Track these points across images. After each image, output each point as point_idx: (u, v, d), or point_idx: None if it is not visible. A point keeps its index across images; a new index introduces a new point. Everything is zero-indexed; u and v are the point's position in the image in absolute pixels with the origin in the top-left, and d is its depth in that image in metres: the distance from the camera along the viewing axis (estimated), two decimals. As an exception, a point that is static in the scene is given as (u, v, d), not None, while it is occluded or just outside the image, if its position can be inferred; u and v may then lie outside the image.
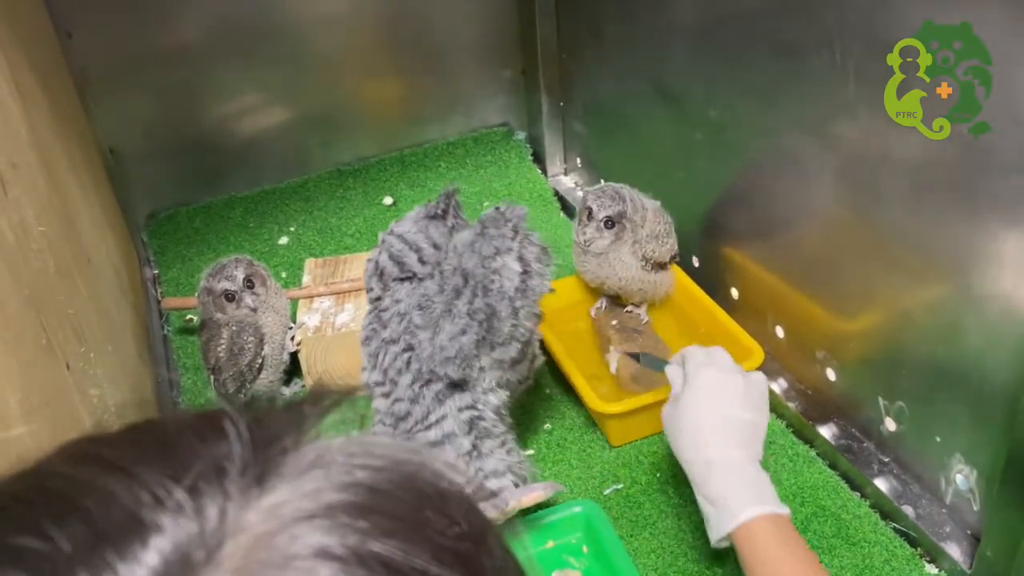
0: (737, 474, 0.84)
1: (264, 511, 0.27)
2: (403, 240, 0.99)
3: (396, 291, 0.99)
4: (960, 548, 0.94)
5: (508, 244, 0.95)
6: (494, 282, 0.94)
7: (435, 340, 0.94)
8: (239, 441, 0.29)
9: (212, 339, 1.20)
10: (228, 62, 1.54)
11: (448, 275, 0.96)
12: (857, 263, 1.01)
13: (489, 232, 0.95)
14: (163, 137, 1.56)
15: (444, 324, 0.94)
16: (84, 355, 0.88)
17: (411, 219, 1.02)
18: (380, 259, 1.00)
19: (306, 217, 1.60)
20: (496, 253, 0.94)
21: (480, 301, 0.93)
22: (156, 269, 1.52)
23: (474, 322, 0.93)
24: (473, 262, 0.94)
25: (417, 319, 0.96)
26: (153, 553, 0.25)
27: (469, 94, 1.74)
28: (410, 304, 0.97)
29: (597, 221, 1.17)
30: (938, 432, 0.96)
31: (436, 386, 0.96)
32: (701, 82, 1.22)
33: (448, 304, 0.95)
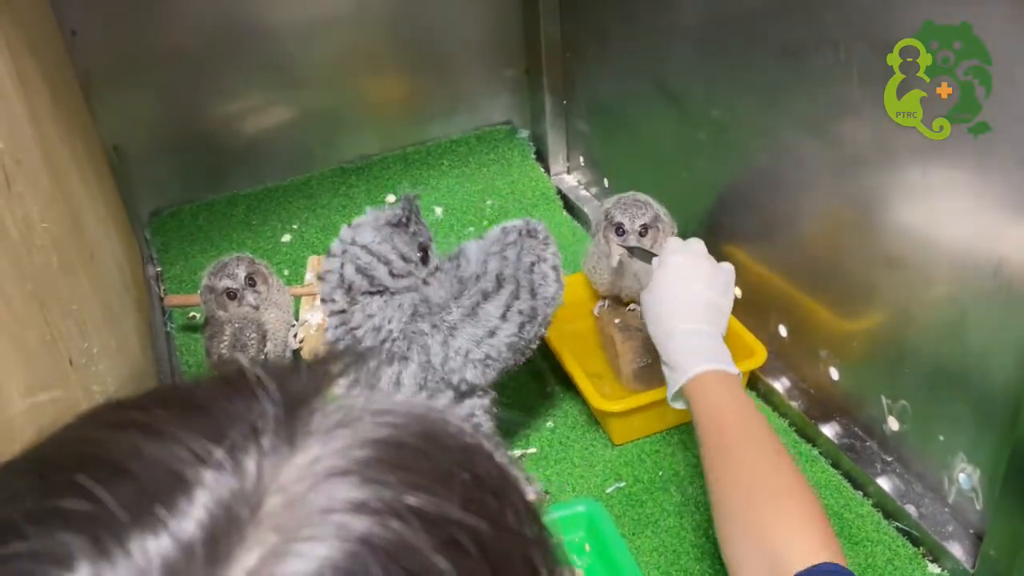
0: (695, 340, 0.91)
1: (298, 469, 0.27)
2: (369, 252, 0.95)
3: (367, 305, 0.95)
4: (963, 547, 0.94)
5: (544, 253, 1.00)
6: (541, 287, 0.98)
7: (452, 344, 0.94)
8: (270, 401, 0.29)
9: (215, 336, 1.21)
10: (232, 60, 1.54)
11: (468, 280, 0.97)
12: (860, 262, 1.01)
13: (528, 242, 1.00)
14: (166, 134, 1.56)
15: (465, 328, 0.94)
16: (87, 351, 0.88)
17: (370, 227, 0.97)
18: (345, 272, 0.95)
19: (309, 215, 1.60)
20: (539, 260, 0.99)
21: (526, 303, 0.97)
22: (159, 266, 1.52)
23: (511, 324, 0.95)
24: (511, 268, 0.97)
25: (423, 326, 0.95)
26: (199, 507, 0.25)
27: (472, 92, 1.74)
28: (387, 319, 0.95)
29: (633, 232, 1.17)
30: (941, 431, 0.96)
31: (441, 399, 0.96)
32: (704, 82, 1.22)
33: (472, 308, 0.95)
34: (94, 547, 0.24)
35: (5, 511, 0.26)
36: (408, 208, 0.98)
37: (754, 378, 1.19)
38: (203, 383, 0.32)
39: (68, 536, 0.24)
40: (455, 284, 0.99)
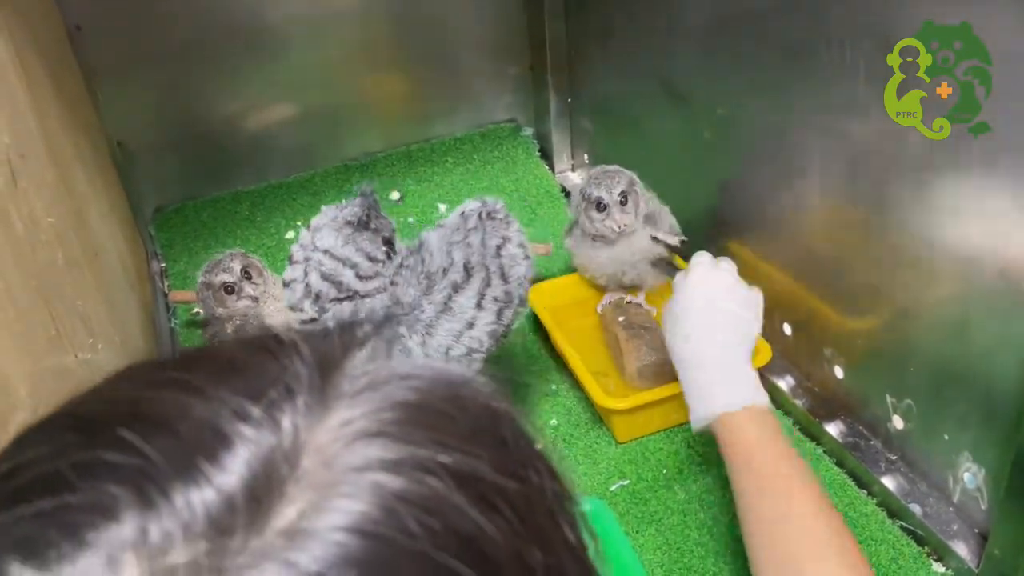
0: (722, 365, 0.87)
1: (332, 429, 0.28)
2: (332, 257, 0.92)
3: (338, 312, 0.93)
4: (967, 547, 0.94)
5: (508, 232, 0.97)
6: (512, 268, 0.95)
7: (431, 343, 0.92)
8: (304, 363, 0.29)
9: (216, 335, 1.21)
10: (237, 57, 1.54)
11: (435, 274, 0.94)
12: (865, 261, 1.01)
13: (489, 224, 0.96)
14: (171, 131, 1.56)
15: (442, 323, 0.92)
16: (92, 346, 0.88)
17: (330, 229, 0.93)
18: (311, 281, 0.92)
19: (313, 212, 1.56)
20: (504, 241, 0.95)
21: (499, 288, 0.94)
22: (163, 262, 1.52)
23: (487, 312, 0.92)
24: (477, 255, 0.94)
25: (400, 329, 0.93)
26: (240, 462, 0.26)
27: (477, 90, 1.73)
28: None
29: (614, 203, 1.16)
30: (946, 430, 0.95)
31: None
32: (708, 80, 1.22)
33: (444, 303, 0.93)
34: (139, 499, 0.25)
35: (53, 463, 0.26)
36: (367, 205, 0.94)
37: (759, 376, 1.18)
38: (239, 345, 0.32)
39: (115, 488, 0.25)
40: (422, 280, 0.96)
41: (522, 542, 0.29)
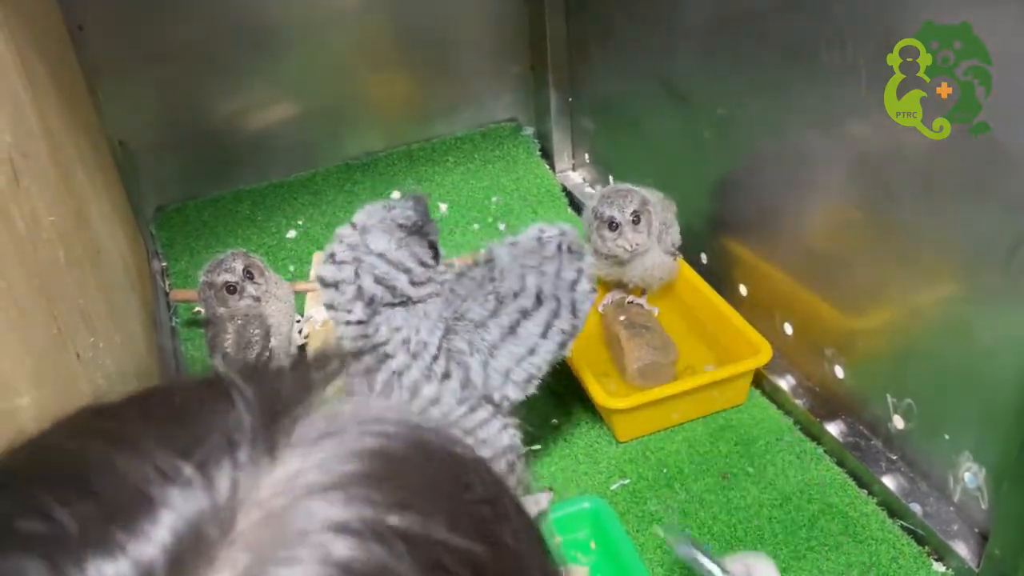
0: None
1: (276, 484, 0.26)
2: (387, 261, 0.90)
3: (391, 317, 0.91)
4: (968, 547, 0.94)
5: (580, 265, 0.95)
6: (583, 303, 0.94)
7: (493, 364, 0.91)
8: (248, 410, 0.27)
9: (218, 335, 1.21)
10: (238, 56, 1.54)
11: (505, 296, 0.92)
12: (866, 260, 1.01)
13: (564, 256, 0.94)
14: (172, 130, 1.56)
15: (507, 347, 0.92)
16: (94, 345, 0.88)
17: (381, 231, 0.91)
18: (364, 284, 0.90)
19: (314, 211, 1.60)
20: (579, 275, 0.94)
21: (567, 322, 0.93)
22: (164, 261, 1.52)
23: (552, 342, 0.92)
24: (550, 285, 0.93)
25: (460, 344, 0.91)
26: (163, 529, 0.24)
27: (477, 89, 1.74)
28: (414, 329, 0.91)
29: (627, 224, 1.16)
30: (946, 430, 0.95)
31: (481, 414, 0.93)
32: (710, 79, 1.22)
33: (512, 326, 0.92)
34: (51, 572, 0.23)
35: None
36: (422, 211, 0.93)
37: (759, 376, 1.19)
38: (183, 387, 0.30)
39: (26, 560, 0.24)
40: (489, 298, 0.93)
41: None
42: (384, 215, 0.92)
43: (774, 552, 0.98)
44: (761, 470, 1.08)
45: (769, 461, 1.09)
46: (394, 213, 0.92)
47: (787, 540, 1.00)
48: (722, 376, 1.13)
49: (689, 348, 1.25)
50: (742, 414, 1.17)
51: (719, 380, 1.13)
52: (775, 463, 1.09)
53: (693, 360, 1.24)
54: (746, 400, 1.18)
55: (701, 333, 1.27)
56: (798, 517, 1.02)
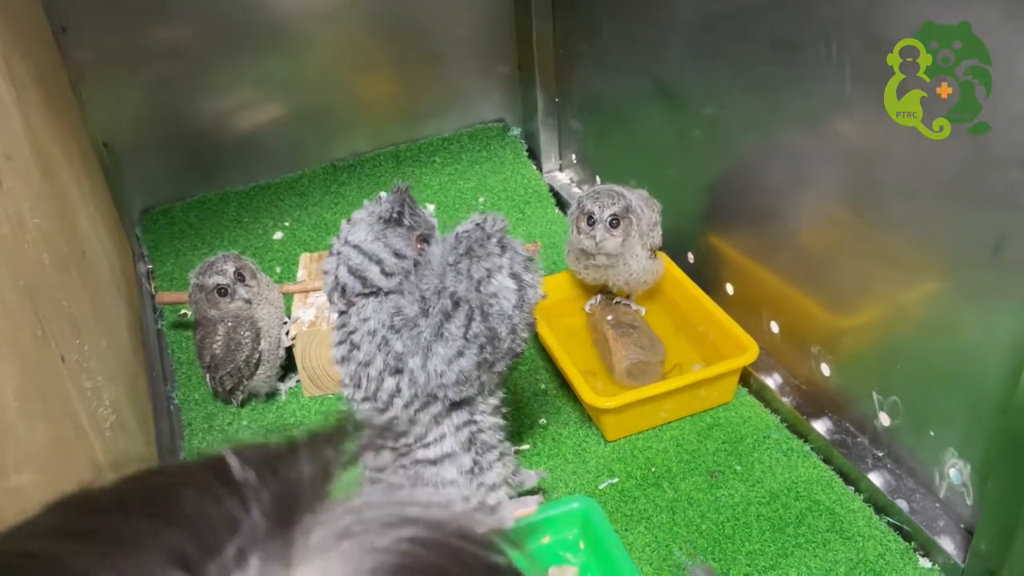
0: None
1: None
2: (361, 251, 0.91)
3: (362, 308, 0.92)
4: (954, 542, 0.94)
5: (498, 262, 0.92)
6: (492, 305, 0.91)
7: (428, 366, 0.90)
8: (262, 511, 0.25)
9: (207, 337, 1.20)
10: (224, 56, 1.53)
11: (431, 296, 0.91)
12: (853, 258, 1.02)
13: (476, 252, 0.91)
14: (158, 132, 1.55)
15: (437, 348, 0.90)
16: (79, 348, 0.87)
17: (364, 224, 0.92)
18: (339, 273, 0.92)
19: (301, 212, 1.60)
20: (488, 275, 0.91)
21: (479, 326, 0.90)
22: (150, 263, 1.51)
23: (473, 345, 0.90)
24: (463, 285, 0.90)
25: (398, 344, 0.90)
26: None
27: (465, 90, 1.74)
28: (379, 322, 0.91)
29: (603, 223, 1.16)
30: (932, 426, 0.96)
31: (434, 408, 0.92)
32: (698, 79, 1.22)
33: (437, 328, 0.90)
34: None
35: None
36: (400, 201, 0.93)
37: (746, 374, 1.19)
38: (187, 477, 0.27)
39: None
40: (418, 293, 0.92)
41: None
42: (373, 209, 0.94)
43: (762, 549, 0.99)
44: (749, 468, 1.09)
45: (756, 459, 1.10)
46: (381, 207, 0.94)
47: (774, 538, 1.00)
48: (710, 375, 1.13)
49: (676, 347, 1.25)
50: (729, 412, 1.17)
51: (707, 379, 1.13)
52: (762, 461, 1.10)
53: (681, 359, 1.24)
54: (733, 398, 1.19)
55: (688, 332, 1.27)
56: (785, 515, 1.03)
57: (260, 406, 1.24)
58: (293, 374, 1.26)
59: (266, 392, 1.25)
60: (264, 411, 1.24)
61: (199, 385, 1.27)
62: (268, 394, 1.25)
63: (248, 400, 1.25)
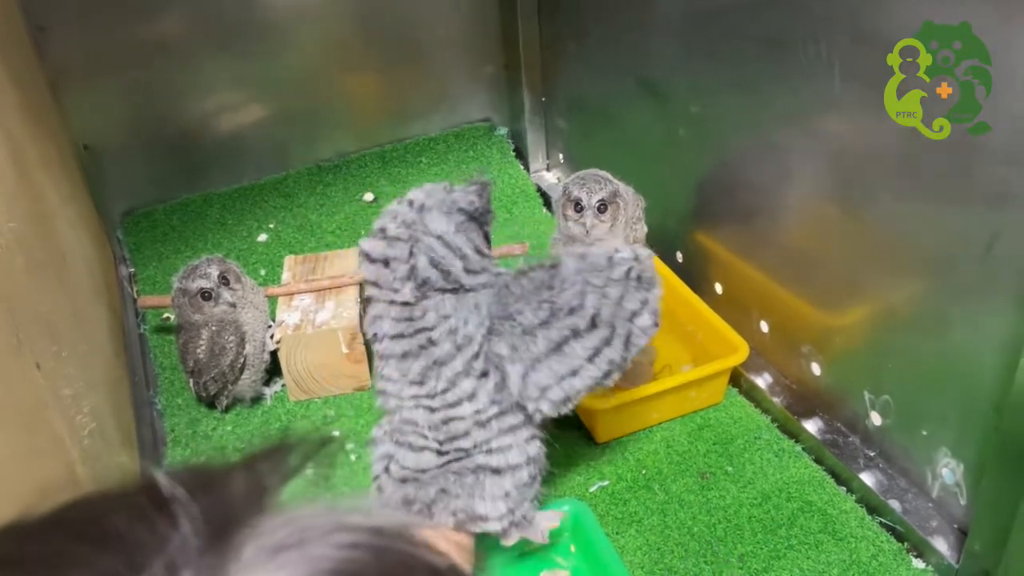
0: None
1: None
2: (445, 244, 0.85)
3: (440, 304, 0.86)
4: (947, 542, 0.94)
5: (651, 298, 0.89)
6: (638, 338, 0.88)
7: (531, 377, 0.86)
8: (194, 530, 0.24)
9: (191, 341, 1.18)
10: (206, 56, 1.51)
11: (560, 309, 0.86)
12: (843, 257, 1.01)
13: (632, 284, 0.88)
14: (139, 133, 1.53)
15: (550, 362, 0.86)
16: (56, 354, 0.85)
17: (441, 213, 0.86)
18: (419, 264, 0.85)
19: (286, 214, 1.58)
20: (642, 308, 0.88)
21: (616, 353, 0.87)
22: (132, 267, 1.49)
23: (595, 369, 0.87)
24: (609, 310, 0.86)
25: (500, 347, 0.86)
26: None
27: (451, 90, 1.72)
28: (462, 320, 0.86)
29: (591, 208, 1.15)
30: (924, 426, 0.95)
31: (511, 419, 0.88)
32: (685, 77, 1.22)
33: (558, 344, 0.86)
34: None
35: None
36: (486, 198, 0.88)
37: (736, 374, 1.18)
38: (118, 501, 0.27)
39: None
40: (544, 306, 0.87)
41: None
42: (445, 196, 0.87)
43: (754, 552, 0.98)
44: (740, 469, 1.08)
45: (747, 460, 1.09)
46: (456, 196, 0.88)
47: (766, 539, 0.99)
48: (700, 375, 1.12)
49: (666, 347, 1.24)
50: (720, 413, 1.16)
51: (697, 379, 1.12)
52: (753, 462, 1.09)
53: (670, 359, 1.23)
54: (723, 399, 1.18)
55: (678, 332, 1.26)
56: (777, 516, 1.02)
57: (245, 411, 1.22)
58: (278, 378, 1.24)
59: (251, 397, 1.23)
60: (249, 416, 1.22)
61: (183, 390, 1.25)
62: (253, 399, 1.23)
63: (233, 405, 1.23)
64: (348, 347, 1.20)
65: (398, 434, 0.89)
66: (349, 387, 1.23)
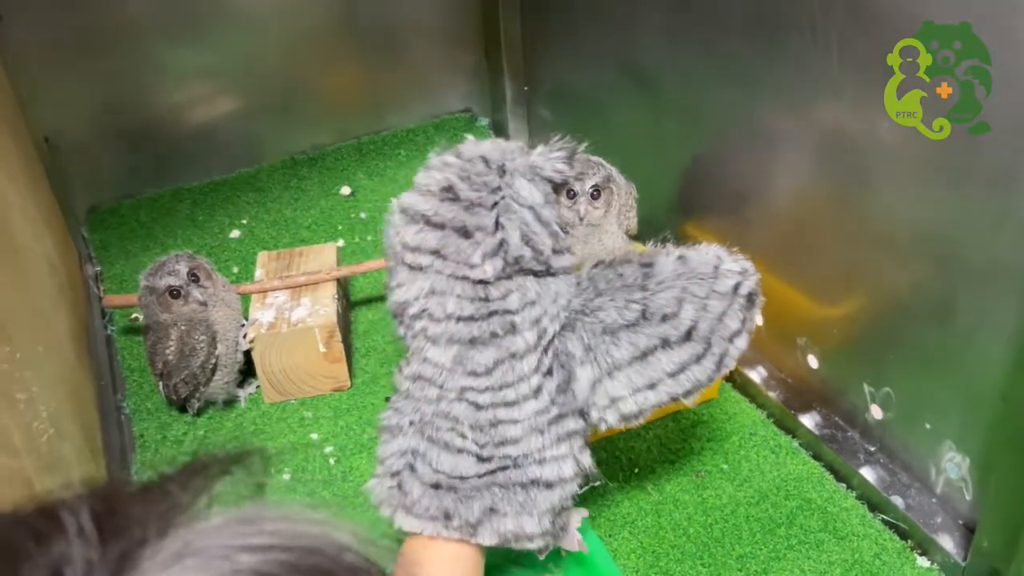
0: None
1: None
2: (537, 217, 0.73)
3: (523, 287, 0.75)
4: (953, 539, 0.90)
5: (750, 316, 0.80)
6: (732, 361, 0.80)
7: (605, 385, 0.77)
8: (80, 537, 0.24)
9: (159, 342, 1.13)
10: (175, 44, 1.45)
11: (654, 314, 0.76)
12: (840, 245, 0.97)
13: (740, 301, 0.79)
14: (105, 125, 1.47)
15: (629, 371, 0.77)
16: (9, 356, 0.80)
17: (524, 179, 0.74)
18: (511, 239, 0.73)
19: (259, 209, 1.52)
20: (743, 326, 0.79)
21: (706, 374, 0.78)
22: (98, 266, 1.43)
23: (675, 385, 0.78)
24: (708, 324, 0.77)
25: (573, 345, 0.77)
26: None
27: (430, 79, 1.67)
28: (545, 311, 0.76)
29: (584, 195, 1.10)
30: (927, 418, 0.92)
31: (572, 424, 0.78)
32: (673, 64, 1.18)
33: (644, 352, 0.77)
34: None
35: None
36: (575, 164, 0.78)
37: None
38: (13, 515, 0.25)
39: None
40: (633, 307, 0.77)
41: None
42: (526, 160, 0.75)
43: (752, 553, 0.94)
44: (736, 467, 1.04)
45: (743, 457, 1.05)
46: (537, 160, 0.76)
47: (765, 540, 0.95)
48: (693, 370, 1.08)
49: (657, 342, 1.20)
50: (713, 409, 1.12)
51: (690, 374, 1.08)
52: (749, 459, 1.05)
53: (661, 354, 1.19)
54: (717, 395, 1.14)
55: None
56: (776, 515, 0.98)
57: (218, 414, 1.17)
58: (252, 379, 1.19)
59: (224, 399, 1.17)
60: (222, 419, 1.16)
61: (152, 393, 1.19)
62: (226, 401, 1.18)
63: (205, 408, 1.17)
64: (326, 346, 1.15)
65: (431, 428, 0.76)
66: (327, 388, 1.18)
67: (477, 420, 0.76)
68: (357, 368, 1.21)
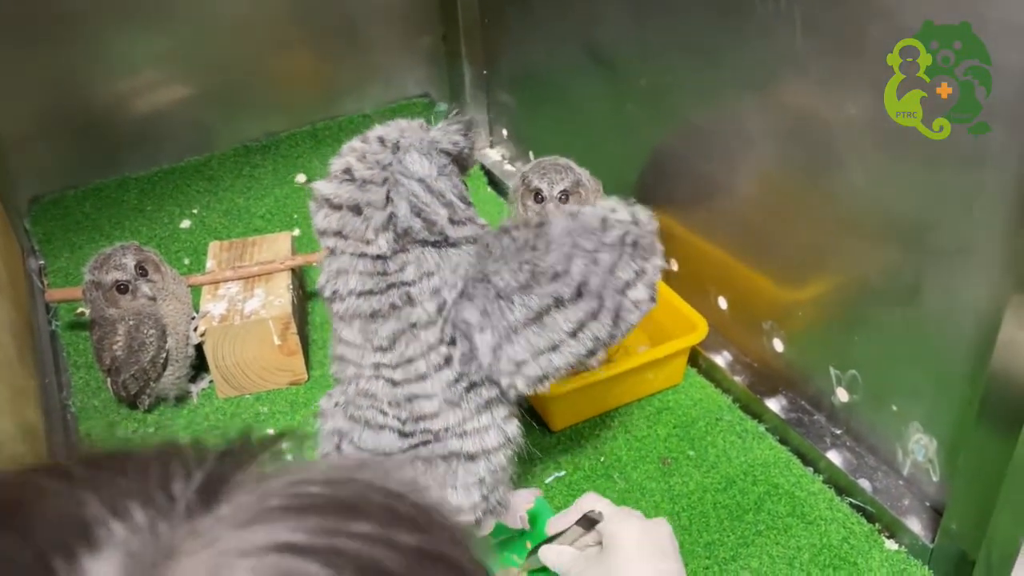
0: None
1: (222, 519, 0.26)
2: (428, 189, 0.76)
3: (421, 258, 0.76)
4: (920, 522, 0.90)
5: (648, 267, 0.79)
6: (630, 312, 0.78)
7: (505, 350, 0.76)
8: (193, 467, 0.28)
9: (106, 337, 1.08)
10: (120, 29, 1.41)
11: (543, 273, 0.76)
12: (806, 227, 0.96)
13: (627, 251, 0.77)
14: (48, 113, 1.41)
15: (527, 334, 0.76)
16: (-63, 355, 0.75)
17: (420, 153, 0.76)
18: (400, 212, 0.75)
19: (210, 198, 1.48)
20: (636, 278, 0.77)
21: (602, 329, 0.77)
22: (42, 259, 1.37)
23: (578, 345, 0.77)
24: (598, 279, 0.76)
25: (468, 313, 0.77)
26: (104, 563, 0.24)
27: (386, 63, 1.64)
28: (444, 281, 0.76)
29: (552, 199, 1.08)
30: (894, 400, 0.91)
31: (487, 392, 0.79)
32: (636, 44, 1.15)
33: (538, 314, 0.76)
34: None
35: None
36: (471, 139, 0.79)
37: (695, 354, 1.13)
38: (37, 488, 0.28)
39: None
40: (524, 268, 0.76)
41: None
42: (423, 135, 0.78)
43: (721, 540, 0.93)
44: (702, 453, 1.03)
45: (710, 443, 1.04)
46: (435, 134, 0.78)
47: (733, 526, 0.94)
48: (658, 356, 1.06)
49: (621, 328, 1.18)
50: (679, 395, 1.11)
51: (655, 360, 1.07)
52: (716, 444, 1.04)
53: (626, 340, 1.16)
54: (682, 380, 1.12)
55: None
56: (743, 501, 0.97)
57: (169, 411, 1.13)
58: (205, 374, 1.15)
59: (175, 395, 1.13)
60: (174, 416, 1.12)
61: (99, 391, 1.14)
62: (178, 397, 1.13)
63: (156, 405, 1.13)
64: (280, 338, 1.11)
65: (353, 407, 0.79)
66: (283, 381, 1.14)
67: (395, 396, 0.78)
68: (314, 361, 1.18)
